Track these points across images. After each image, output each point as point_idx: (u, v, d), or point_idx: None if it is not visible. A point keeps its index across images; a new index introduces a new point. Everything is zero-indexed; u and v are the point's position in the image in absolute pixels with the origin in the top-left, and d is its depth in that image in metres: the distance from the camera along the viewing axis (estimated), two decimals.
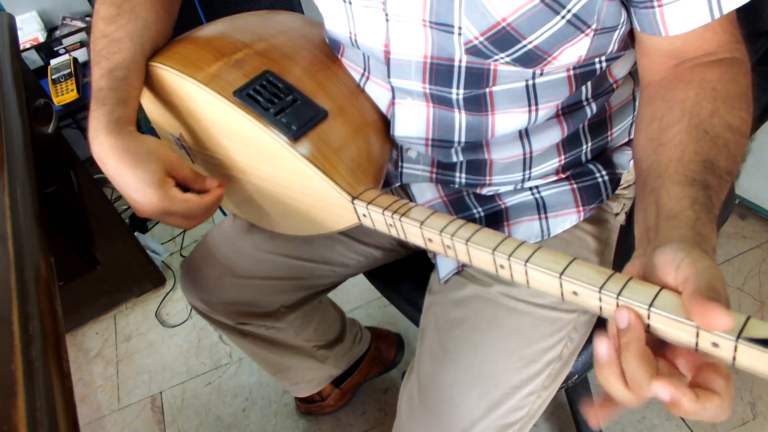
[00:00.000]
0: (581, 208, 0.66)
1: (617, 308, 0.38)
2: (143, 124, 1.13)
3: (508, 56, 0.52)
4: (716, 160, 0.46)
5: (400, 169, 0.68)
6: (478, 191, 0.68)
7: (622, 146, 0.69)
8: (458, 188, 0.68)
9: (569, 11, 0.49)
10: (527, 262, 0.43)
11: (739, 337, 0.33)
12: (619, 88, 0.63)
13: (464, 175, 0.66)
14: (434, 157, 0.64)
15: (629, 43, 0.59)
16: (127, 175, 0.58)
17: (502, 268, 0.46)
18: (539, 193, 0.67)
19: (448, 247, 0.50)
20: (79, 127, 2.01)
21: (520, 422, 0.66)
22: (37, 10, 1.85)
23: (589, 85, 0.59)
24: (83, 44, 1.69)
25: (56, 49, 1.68)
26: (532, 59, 0.52)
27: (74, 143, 1.60)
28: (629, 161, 0.68)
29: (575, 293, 0.41)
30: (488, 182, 0.66)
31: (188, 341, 1.52)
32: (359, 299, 1.49)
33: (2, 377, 0.45)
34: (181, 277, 0.92)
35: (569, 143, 0.64)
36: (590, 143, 0.65)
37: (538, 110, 0.58)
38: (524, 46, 0.51)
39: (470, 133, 0.60)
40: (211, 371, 1.43)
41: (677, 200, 0.43)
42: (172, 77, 0.62)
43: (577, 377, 0.75)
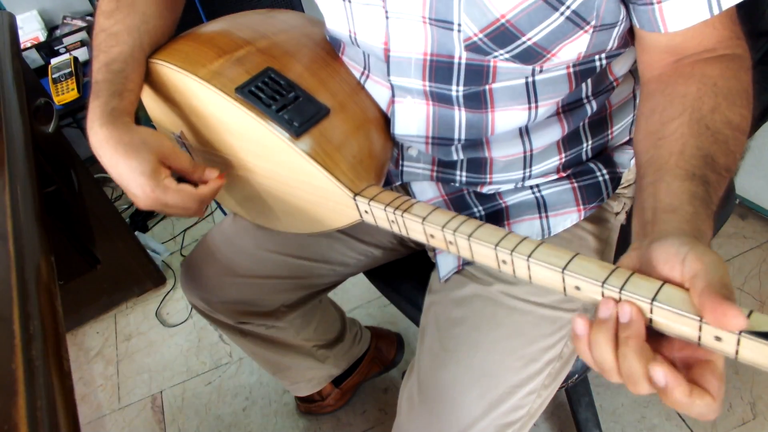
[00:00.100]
0: (582, 207, 0.66)
1: (617, 301, 0.38)
2: (144, 122, 1.12)
3: (507, 53, 0.52)
4: (716, 156, 0.46)
5: (400, 167, 0.67)
6: (478, 190, 0.68)
7: (622, 145, 0.69)
8: (459, 187, 0.68)
9: (568, 8, 0.49)
10: (530, 257, 0.43)
11: (742, 330, 0.33)
12: (619, 86, 0.63)
13: (465, 173, 0.66)
14: (435, 155, 0.64)
15: (629, 40, 0.59)
16: (120, 165, 0.58)
17: (504, 263, 0.46)
18: (540, 192, 0.67)
19: (450, 243, 0.50)
20: (79, 126, 2.01)
21: (520, 421, 0.66)
22: (37, 9, 1.85)
23: (589, 82, 0.59)
24: (84, 43, 1.69)
25: (57, 48, 1.68)
26: (531, 56, 0.52)
27: (75, 142, 1.60)
28: (630, 160, 0.68)
29: (578, 288, 0.41)
30: (489, 180, 0.66)
31: (188, 341, 1.52)
32: (359, 299, 1.49)
33: (3, 376, 0.45)
34: (181, 276, 0.92)
35: (569, 141, 0.64)
36: (590, 141, 0.65)
37: (537, 107, 0.58)
38: (523, 42, 0.51)
39: (470, 130, 0.60)
40: (211, 371, 1.43)
41: (677, 194, 0.43)
42: (173, 74, 0.62)
43: (577, 377, 0.75)
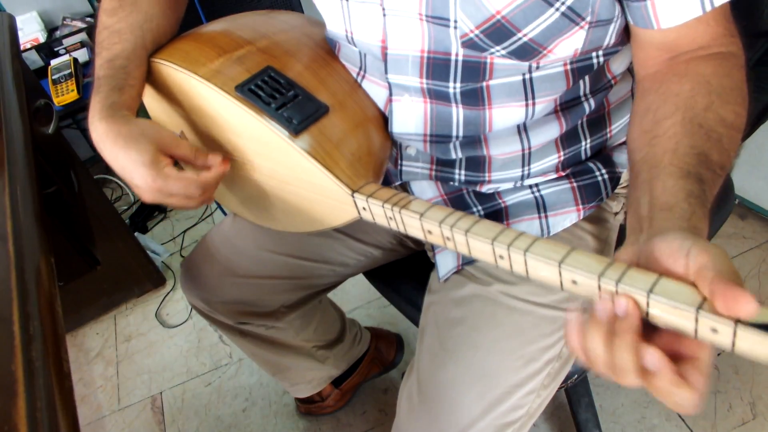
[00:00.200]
0: (581, 206, 0.66)
1: (613, 295, 0.38)
2: None
3: (503, 49, 0.53)
4: (710, 153, 0.46)
5: (399, 167, 0.68)
6: (478, 189, 0.68)
7: (621, 145, 0.69)
8: (458, 186, 0.68)
9: (563, 3, 0.49)
10: (526, 251, 0.43)
11: (738, 321, 0.33)
12: (617, 84, 0.63)
13: (463, 171, 0.66)
14: (433, 154, 0.65)
15: (625, 37, 0.59)
16: (121, 157, 0.58)
17: (501, 258, 0.46)
18: (539, 191, 0.67)
19: (447, 238, 0.50)
20: (79, 127, 2.01)
21: (519, 421, 0.66)
22: (37, 10, 1.85)
23: (587, 80, 0.59)
24: (83, 44, 1.69)
25: (56, 49, 1.68)
26: (527, 52, 0.53)
27: (74, 143, 1.61)
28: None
29: (574, 282, 0.41)
30: (487, 179, 0.66)
31: (188, 341, 1.52)
32: (359, 299, 1.49)
33: (3, 377, 0.45)
34: (181, 276, 0.92)
35: (568, 139, 0.64)
36: (589, 140, 0.65)
37: (535, 104, 0.58)
38: (519, 38, 0.51)
39: (468, 127, 0.60)
40: (211, 371, 1.43)
41: (672, 192, 0.43)
42: (173, 73, 0.63)
43: (577, 377, 0.75)
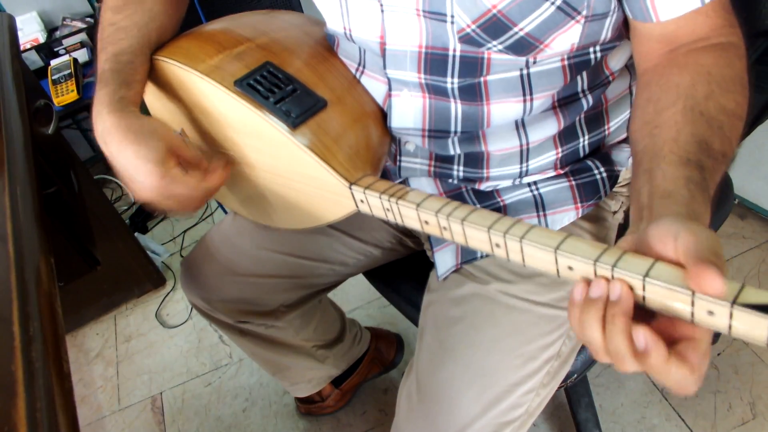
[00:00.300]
0: (579, 204, 0.67)
1: (608, 281, 0.38)
2: None
3: (500, 44, 0.53)
4: (711, 141, 0.46)
5: (398, 163, 0.68)
6: (476, 187, 0.68)
7: (620, 143, 0.69)
8: (457, 184, 0.69)
9: None
10: (522, 238, 0.43)
11: (734, 303, 0.33)
12: (615, 80, 0.64)
13: (462, 167, 0.66)
14: (432, 149, 0.65)
15: (623, 32, 0.59)
16: (129, 151, 0.56)
17: (497, 246, 0.46)
18: (538, 190, 0.67)
19: (444, 228, 0.50)
20: (79, 127, 2.01)
21: (518, 420, 0.66)
22: (37, 10, 1.85)
23: (584, 75, 0.60)
24: (83, 45, 1.69)
25: (56, 49, 1.68)
26: (524, 47, 0.53)
27: (74, 144, 1.61)
28: (628, 159, 0.68)
29: (570, 268, 0.41)
30: (486, 176, 0.66)
31: (188, 342, 1.52)
32: (359, 300, 1.49)
33: (2, 378, 0.46)
34: (181, 275, 0.92)
35: (566, 136, 0.64)
36: (587, 136, 0.65)
37: (533, 100, 0.58)
38: (516, 33, 0.52)
39: (466, 122, 0.61)
40: (211, 372, 1.43)
41: (672, 180, 0.44)
42: (174, 70, 0.63)
43: (576, 376, 0.75)
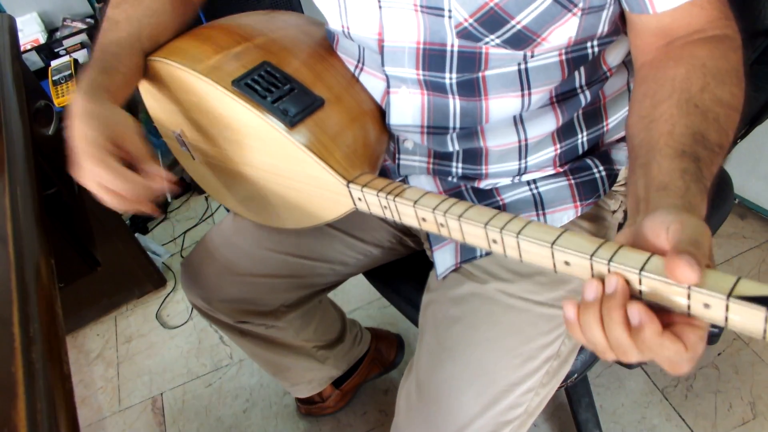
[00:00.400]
0: (578, 203, 0.67)
1: (602, 280, 0.38)
2: (144, 122, 1.13)
3: (497, 38, 0.53)
4: (707, 133, 0.46)
5: (397, 161, 0.68)
6: (476, 185, 0.68)
7: (619, 141, 0.69)
8: (457, 182, 0.69)
9: None
10: (519, 234, 0.44)
11: (730, 295, 0.33)
12: (613, 77, 0.64)
13: (461, 164, 0.66)
14: (430, 146, 0.65)
15: (620, 27, 0.59)
16: (76, 130, 0.56)
17: (494, 242, 0.46)
18: (537, 188, 0.67)
19: (441, 225, 0.50)
20: None
21: (518, 420, 0.66)
22: (37, 11, 1.85)
23: (582, 70, 0.60)
24: (84, 45, 1.69)
25: (57, 50, 1.69)
26: (521, 40, 0.53)
27: None
28: (627, 157, 0.68)
29: (567, 263, 0.41)
30: (485, 172, 0.66)
31: (189, 342, 1.52)
32: (359, 300, 1.49)
33: (3, 379, 0.46)
34: (181, 275, 0.92)
35: (564, 132, 0.64)
36: (585, 133, 0.65)
37: (531, 95, 0.59)
38: (513, 26, 0.52)
39: (465, 118, 0.61)
40: (211, 372, 1.43)
41: (667, 172, 0.44)
42: (172, 71, 0.63)
43: (576, 376, 0.75)
